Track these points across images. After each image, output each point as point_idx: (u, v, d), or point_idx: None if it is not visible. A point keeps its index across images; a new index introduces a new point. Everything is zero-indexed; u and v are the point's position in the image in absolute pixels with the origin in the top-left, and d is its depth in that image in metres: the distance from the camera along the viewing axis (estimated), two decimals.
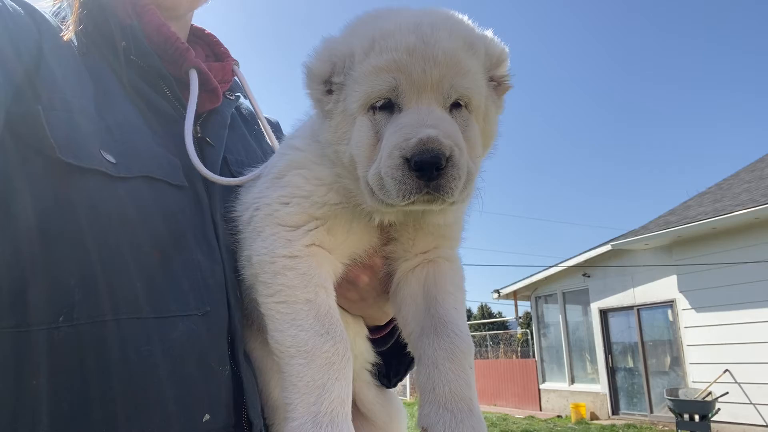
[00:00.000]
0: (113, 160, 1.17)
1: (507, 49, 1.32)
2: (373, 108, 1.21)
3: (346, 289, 1.43)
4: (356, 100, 1.21)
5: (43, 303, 1.07)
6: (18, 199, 1.09)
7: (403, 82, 1.16)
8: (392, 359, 1.62)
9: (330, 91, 1.27)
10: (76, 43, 1.31)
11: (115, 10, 1.40)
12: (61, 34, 1.27)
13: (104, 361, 1.07)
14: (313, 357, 1.14)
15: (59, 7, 1.36)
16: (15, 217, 1.08)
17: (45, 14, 1.29)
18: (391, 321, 1.57)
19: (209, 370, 1.20)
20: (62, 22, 1.31)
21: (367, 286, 1.45)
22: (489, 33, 1.32)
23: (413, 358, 1.38)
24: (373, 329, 1.58)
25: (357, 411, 1.57)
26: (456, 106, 1.22)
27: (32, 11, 1.24)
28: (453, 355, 1.24)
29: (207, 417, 1.17)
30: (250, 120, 1.83)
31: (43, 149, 1.10)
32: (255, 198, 1.35)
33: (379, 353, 1.60)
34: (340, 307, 1.46)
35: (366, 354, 1.58)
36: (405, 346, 1.42)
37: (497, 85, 1.33)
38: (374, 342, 1.59)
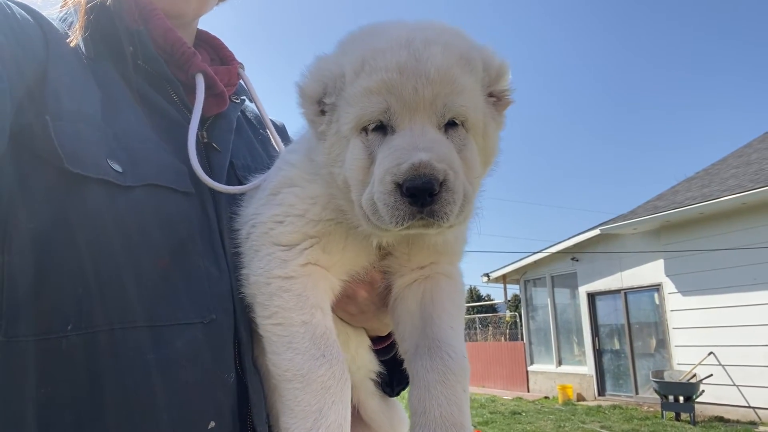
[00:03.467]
0: (120, 169, 1.17)
1: (507, 63, 1.26)
2: (365, 129, 1.17)
3: (345, 303, 1.42)
4: (348, 122, 1.17)
5: (46, 313, 1.06)
6: (23, 209, 1.08)
7: (395, 103, 1.12)
8: (395, 368, 1.59)
9: (323, 112, 1.24)
10: (83, 49, 1.30)
11: (122, 16, 1.38)
12: (68, 40, 1.25)
13: (106, 370, 1.07)
14: (309, 381, 1.12)
15: (66, 13, 1.35)
16: (20, 228, 1.07)
17: (52, 21, 1.27)
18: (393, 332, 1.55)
19: (214, 377, 1.20)
20: (69, 27, 1.30)
21: (365, 301, 1.43)
22: (487, 46, 1.27)
23: None
24: (375, 339, 1.57)
25: (360, 420, 1.58)
26: (452, 124, 1.18)
27: (40, 18, 1.23)
28: (445, 378, 1.20)
29: (212, 424, 1.17)
30: (255, 124, 1.81)
31: (51, 160, 1.09)
32: (252, 215, 1.33)
33: (382, 362, 1.59)
34: (341, 319, 1.46)
35: (369, 364, 1.57)
36: None
37: (497, 100, 1.28)
38: (377, 352, 1.58)
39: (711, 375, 13.20)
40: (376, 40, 1.18)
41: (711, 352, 13.51)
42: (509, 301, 27.22)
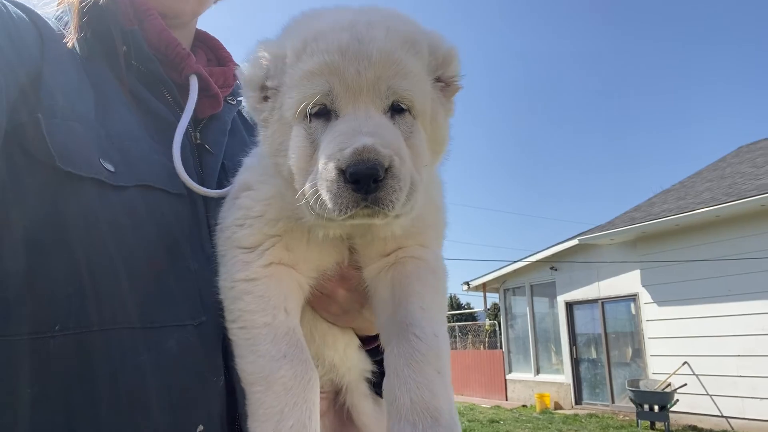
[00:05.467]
0: (112, 169, 1.16)
1: (455, 48, 1.22)
2: (308, 116, 1.11)
3: (326, 303, 1.39)
4: (290, 107, 1.12)
5: (36, 312, 1.06)
6: (15, 208, 1.08)
7: (337, 86, 1.07)
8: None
9: (266, 98, 1.19)
10: (78, 49, 1.29)
11: (116, 15, 1.38)
12: (64, 41, 1.26)
13: (97, 371, 1.07)
14: (271, 383, 1.09)
15: (62, 12, 1.34)
16: (11, 226, 1.07)
17: (48, 20, 1.27)
18: None
19: (203, 380, 1.20)
20: (65, 27, 1.30)
21: (346, 299, 1.39)
22: (434, 31, 1.22)
23: None
24: (366, 339, 1.53)
25: (352, 424, 1.55)
26: (399, 111, 1.13)
27: (35, 18, 1.23)
28: (413, 360, 1.11)
29: (201, 428, 1.17)
30: (252, 125, 1.74)
31: (43, 158, 1.09)
32: (220, 219, 1.31)
33: (376, 362, 1.55)
34: (326, 320, 1.43)
35: (360, 364, 1.53)
36: None
37: (445, 86, 1.24)
38: (370, 352, 1.54)
39: (685, 384, 13.39)
40: (318, 22, 1.15)
41: (685, 362, 13.71)
42: (489, 309, 27.33)
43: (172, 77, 1.45)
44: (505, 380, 20.74)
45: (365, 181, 0.99)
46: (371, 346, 1.52)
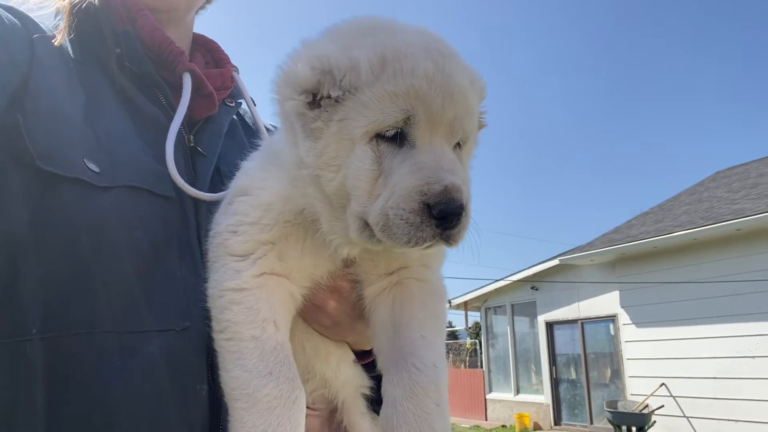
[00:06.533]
0: (97, 169, 1.14)
1: (485, 83, 1.24)
2: (378, 137, 1.07)
3: (317, 314, 1.36)
4: (362, 125, 1.06)
5: (14, 315, 1.05)
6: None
7: (420, 114, 1.05)
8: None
9: (313, 105, 1.11)
10: (70, 52, 1.29)
11: (108, 16, 1.36)
12: (53, 41, 1.25)
13: (71, 377, 1.05)
14: (255, 401, 1.06)
15: (59, 18, 1.33)
16: None
17: (39, 23, 1.27)
18: None
19: (185, 388, 1.17)
20: (57, 30, 1.29)
21: (336, 311, 1.35)
22: (470, 65, 1.22)
23: None
24: (360, 354, 1.49)
25: None
26: (457, 145, 1.16)
27: (26, 21, 1.22)
28: (412, 393, 1.10)
29: None
30: (253, 129, 1.76)
31: (24, 158, 1.08)
32: (213, 224, 1.28)
33: (371, 378, 1.52)
34: (319, 333, 1.40)
35: (356, 379, 1.49)
36: None
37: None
38: (365, 367, 1.50)
39: (662, 406, 13.46)
40: (391, 39, 1.09)
41: (663, 384, 13.82)
42: (470, 328, 27.33)
43: (165, 77, 1.43)
44: (485, 400, 20.68)
45: (451, 219, 1.02)
46: (366, 360, 1.49)
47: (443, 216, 1.01)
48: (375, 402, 1.51)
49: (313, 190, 1.15)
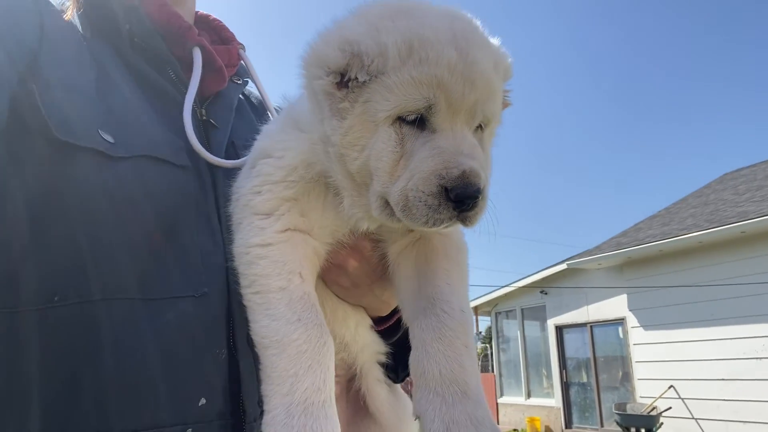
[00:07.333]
0: (111, 140, 1.16)
1: (512, 62, 1.26)
2: (400, 120, 1.11)
3: (336, 274, 1.38)
4: (386, 109, 1.10)
5: (35, 283, 1.07)
6: (13, 180, 1.09)
7: (442, 101, 1.09)
8: (399, 351, 1.52)
9: (341, 85, 1.14)
10: (80, 29, 1.33)
11: None
12: (63, 16, 1.29)
13: (96, 343, 1.07)
14: (285, 346, 1.09)
15: None
16: (10, 198, 1.08)
17: (50, 1, 1.30)
18: (396, 311, 1.47)
19: (205, 353, 1.19)
20: (65, 6, 1.34)
21: (357, 271, 1.38)
22: (498, 43, 1.24)
23: None
24: (377, 320, 1.51)
25: (366, 411, 1.53)
26: (479, 127, 1.19)
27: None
28: (441, 334, 1.14)
29: (203, 401, 1.15)
30: (259, 108, 1.79)
31: (39, 128, 1.10)
32: (235, 189, 1.32)
33: (388, 345, 1.54)
34: (336, 295, 1.44)
35: (373, 344, 1.52)
36: None
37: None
38: (380, 334, 1.53)
39: (670, 408, 13.46)
40: (419, 25, 1.12)
41: (671, 386, 13.81)
42: (481, 332, 27.37)
43: (175, 53, 1.44)
44: (497, 404, 20.65)
45: (468, 203, 1.06)
46: (382, 327, 1.52)
47: (460, 199, 1.05)
48: (389, 369, 1.56)
49: (338, 166, 1.18)
